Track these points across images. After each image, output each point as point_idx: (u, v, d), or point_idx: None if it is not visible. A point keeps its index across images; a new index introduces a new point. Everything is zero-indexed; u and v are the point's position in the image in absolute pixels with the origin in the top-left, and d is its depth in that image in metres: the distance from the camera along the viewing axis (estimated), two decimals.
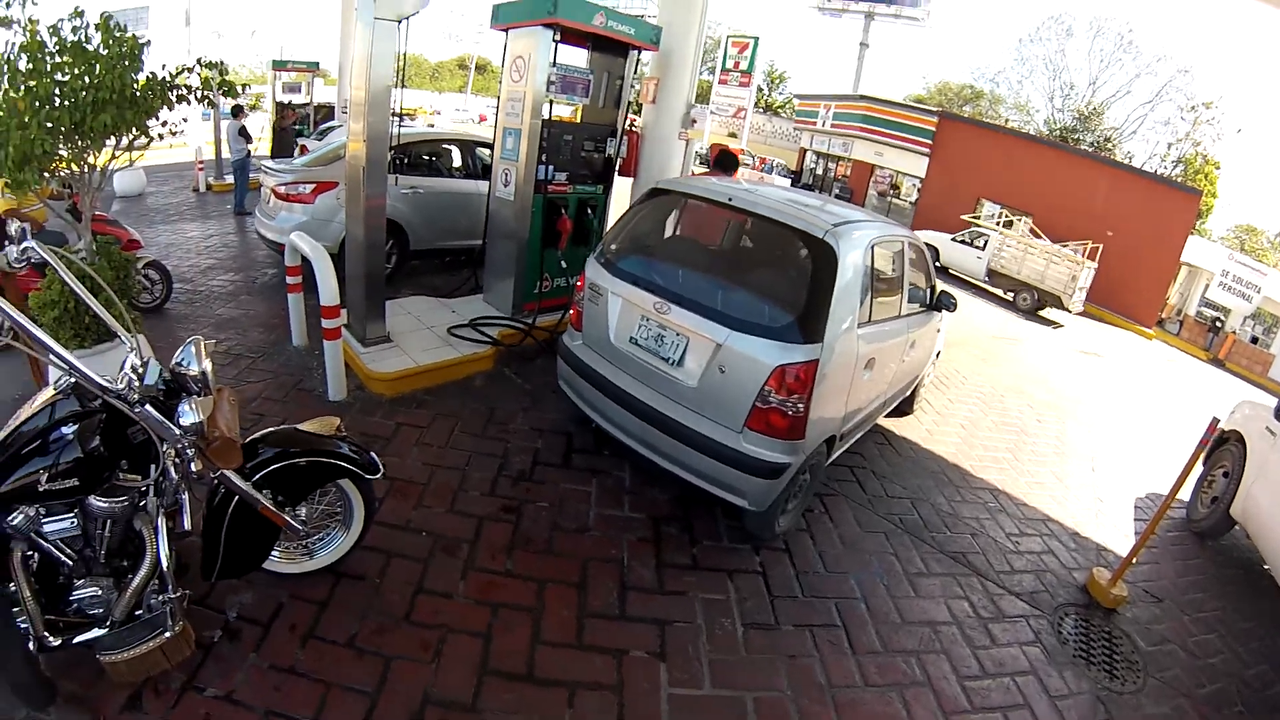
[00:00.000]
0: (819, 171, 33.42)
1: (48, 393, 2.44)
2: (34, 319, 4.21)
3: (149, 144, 4.70)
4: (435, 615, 3.00)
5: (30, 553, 2.40)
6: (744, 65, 38.88)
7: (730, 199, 3.99)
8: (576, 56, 6.39)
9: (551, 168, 6.03)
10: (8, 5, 4.19)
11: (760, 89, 53.42)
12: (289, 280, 5.60)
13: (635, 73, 6.63)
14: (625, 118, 6.64)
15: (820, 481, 4.37)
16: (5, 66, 4.04)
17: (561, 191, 6.18)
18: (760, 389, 3.35)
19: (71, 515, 2.41)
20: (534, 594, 3.18)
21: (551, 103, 5.90)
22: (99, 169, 4.58)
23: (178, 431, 2.29)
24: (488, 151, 8.14)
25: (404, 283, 7.35)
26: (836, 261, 3.44)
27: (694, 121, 7.18)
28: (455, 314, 6.23)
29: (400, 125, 5.67)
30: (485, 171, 7.95)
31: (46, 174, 4.25)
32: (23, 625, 2.32)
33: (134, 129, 4.46)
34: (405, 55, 5.25)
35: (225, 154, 13.67)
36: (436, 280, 7.61)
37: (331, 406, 4.75)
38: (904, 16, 37.94)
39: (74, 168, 4.41)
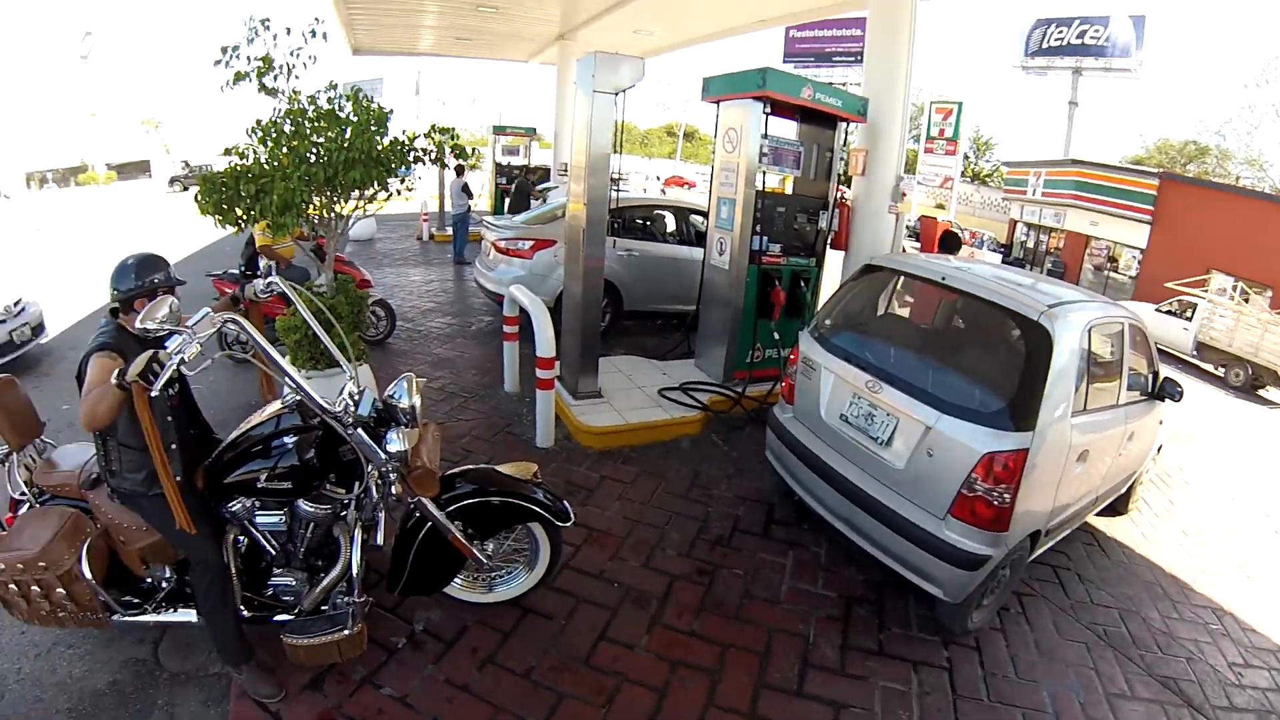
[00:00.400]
0: (1030, 244, 30.92)
1: (276, 405, 2.96)
2: (278, 340, 5.12)
3: (389, 197, 5.48)
4: (614, 663, 3.16)
5: (240, 538, 2.97)
6: (949, 132, 36.83)
7: (943, 277, 3.95)
8: (787, 129, 6.56)
9: (765, 239, 6.21)
10: (274, 78, 5.10)
11: (966, 156, 51.00)
12: (506, 329, 6.16)
13: (844, 144, 6.74)
14: (835, 190, 6.72)
15: (1020, 579, 4.05)
16: (272, 129, 4.95)
17: (775, 263, 6.33)
18: (967, 476, 3.26)
19: (281, 513, 2.93)
20: (715, 657, 3.25)
21: (764, 173, 6.10)
22: (345, 217, 5.42)
23: (383, 456, 2.69)
24: (700, 219, 8.55)
25: (617, 341, 7.78)
26: (1051, 345, 3.32)
27: (904, 194, 7.09)
28: (666, 376, 6.52)
29: (617, 190, 6.08)
30: (698, 238, 8.33)
31: (301, 219, 5.04)
32: None
33: (376, 184, 5.22)
34: (621, 124, 5.63)
35: (448, 208, 15.61)
36: (648, 341, 7.97)
37: (538, 453, 5.11)
38: (1114, 69, 35.14)
39: (324, 214, 5.28)
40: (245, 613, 2.97)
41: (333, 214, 5.33)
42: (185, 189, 46.29)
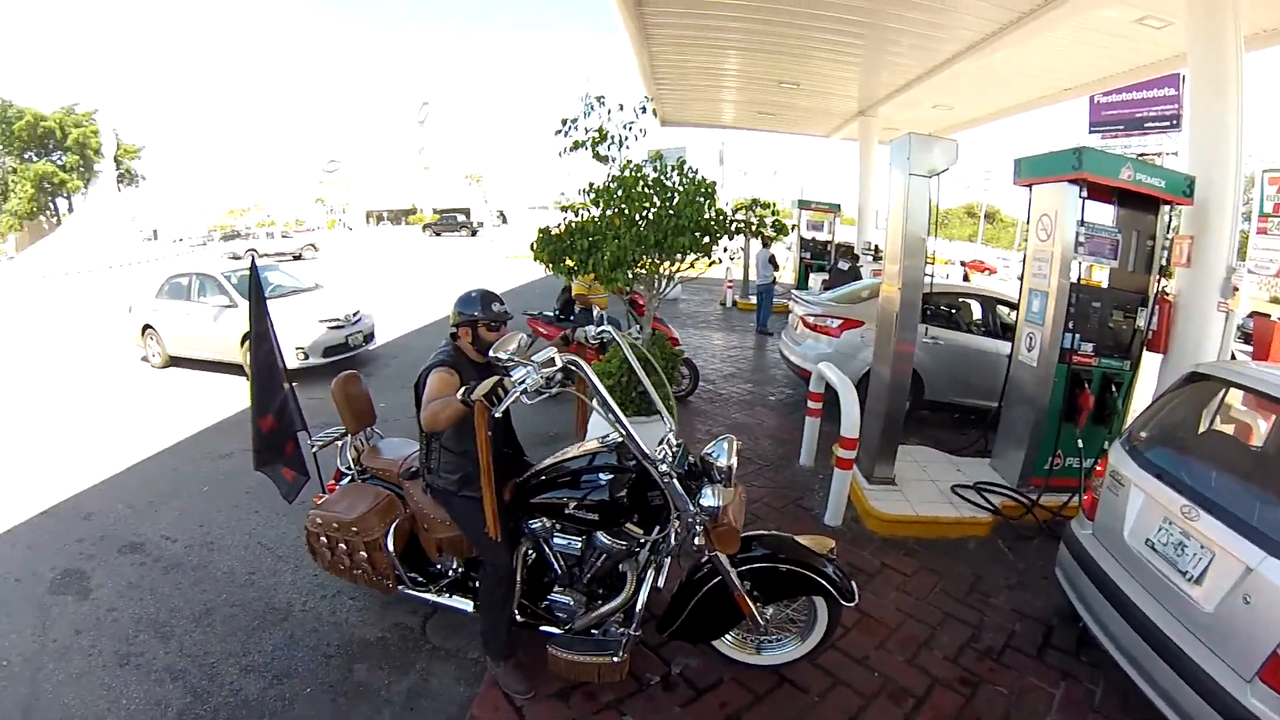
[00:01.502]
0: None
1: (593, 444, 3.53)
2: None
3: (710, 264, 6.16)
4: None
5: (531, 552, 3.55)
6: None
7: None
8: (1103, 213, 6.20)
9: (1077, 336, 5.94)
10: (607, 147, 5.99)
11: None
12: (810, 404, 6.56)
13: (1166, 231, 6.24)
14: (1155, 283, 6.23)
15: None
16: (605, 193, 5.86)
17: (1086, 363, 6.03)
18: None
19: (579, 539, 3.42)
20: None
21: (1080, 264, 5.88)
22: (669, 278, 6.13)
23: (693, 509, 3.04)
24: (1007, 310, 8.36)
25: (913, 431, 7.76)
26: None
27: (1235, 289, 6.32)
28: (960, 473, 6.45)
29: (932, 275, 6.19)
30: (1004, 330, 8.17)
31: (629, 276, 5.85)
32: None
33: (699, 251, 5.88)
34: (936, 207, 5.82)
35: (752, 277, 16.46)
36: (943, 434, 7.88)
37: (826, 530, 5.37)
38: None
39: (651, 274, 6.05)
40: (518, 617, 3.56)
41: (658, 274, 6.12)
42: (437, 234, 55.30)
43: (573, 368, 3.04)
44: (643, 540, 3.37)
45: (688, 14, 10.67)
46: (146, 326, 11.20)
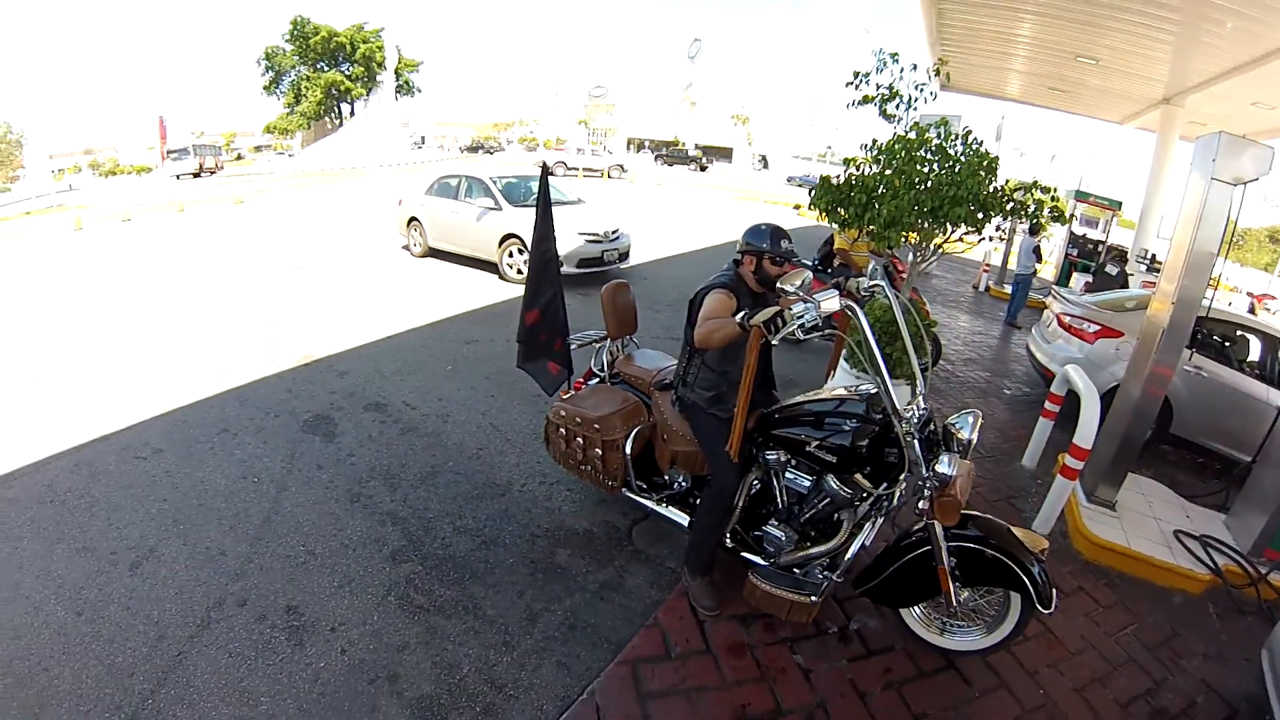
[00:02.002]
0: None
1: (842, 390, 3.72)
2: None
3: (980, 239, 6.15)
4: None
5: (757, 482, 3.79)
6: None
7: None
8: None
9: None
10: (896, 106, 6.08)
11: None
12: (1048, 406, 6.40)
13: None
14: None
15: None
16: (889, 151, 5.90)
17: None
18: None
19: (809, 479, 3.62)
20: None
21: None
22: (937, 247, 6.16)
23: (927, 473, 3.16)
24: None
25: (1148, 462, 7.24)
26: None
27: None
28: (1188, 519, 5.96)
29: (1211, 299, 5.74)
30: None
31: (903, 237, 5.93)
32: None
33: (972, 225, 5.84)
34: (1235, 223, 5.29)
35: (1012, 265, 15.48)
36: (1180, 474, 7.29)
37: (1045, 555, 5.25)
38: None
39: (922, 241, 6.10)
40: (728, 541, 3.85)
41: (929, 242, 6.15)
42: (669, 164, 57.99)
43: (849, 313, 3.19)
44: (868, 493, 3.50)
45: None
46: (412, 219, 12.71)
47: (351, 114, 61.59)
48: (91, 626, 3.42)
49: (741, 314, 3.22)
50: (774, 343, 3.09)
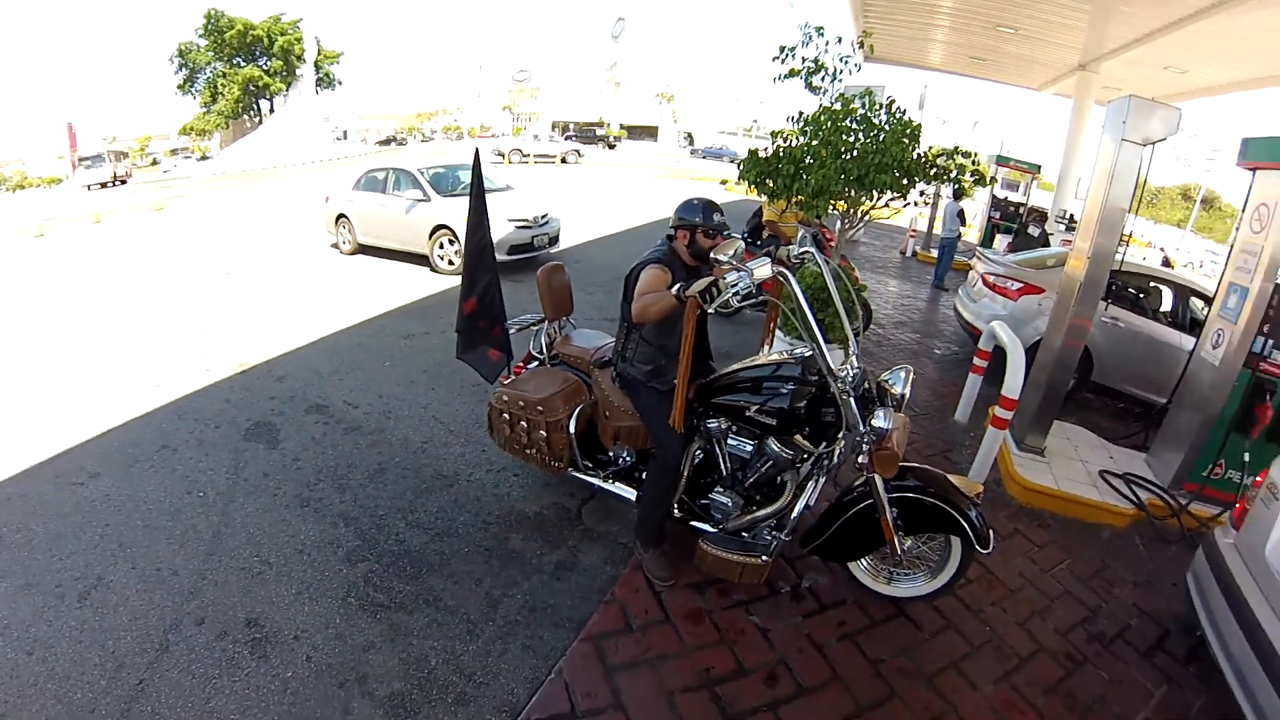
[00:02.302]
0: None
1: (777, 355, 3.88)
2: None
3: (905, 205, 6.42)
4: (952, 692, 3.52)
5: (699, 451, 3.94)
6: None
7: None
8: None
9: (1270, 342, 5.57)
10: (821, 78, 6.17)
11: None
12: (976, 362, 6.74)
13: None
14: None
15: None
16: (815, 123, 6.01)
17: (1274, 374, 5.64)
18: None
19: (750, 444, 3.79)
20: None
21: None
22: (864, 214, 6.40)
23: (864, 428, 3.30)
24: (1202, 304, 7.89)
25: (1072, 410, 7.64)
26: None
27: None
28: (1112, 459, 6.35)
29: (1123, 252, 6.01)
30: (1193, 325, 7.72)
31: (830, 206, 6.16)
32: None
33: (897, 191, 6.08)
34: (1145, 181, 5.61)
35: (937, 230, 16.02)
36: (1104, 420, 7.71)
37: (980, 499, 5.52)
38: None
39: (848, 208, 6.35)
40: (677, 512, 4.00)
41: (856, 209, 6.39)
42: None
43: (781, 279, 3.32)
44: (808, 454, 3.67)
45: None
46: (340, 216, 12.47)
47: (271, 111, 59.12)
48: (45, 665, 3.32)
49: (677, 286, 3.32)
50: (710, 311, 3.19)
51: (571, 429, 4.20)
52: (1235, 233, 6.01)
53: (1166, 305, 8.38)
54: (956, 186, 10.49)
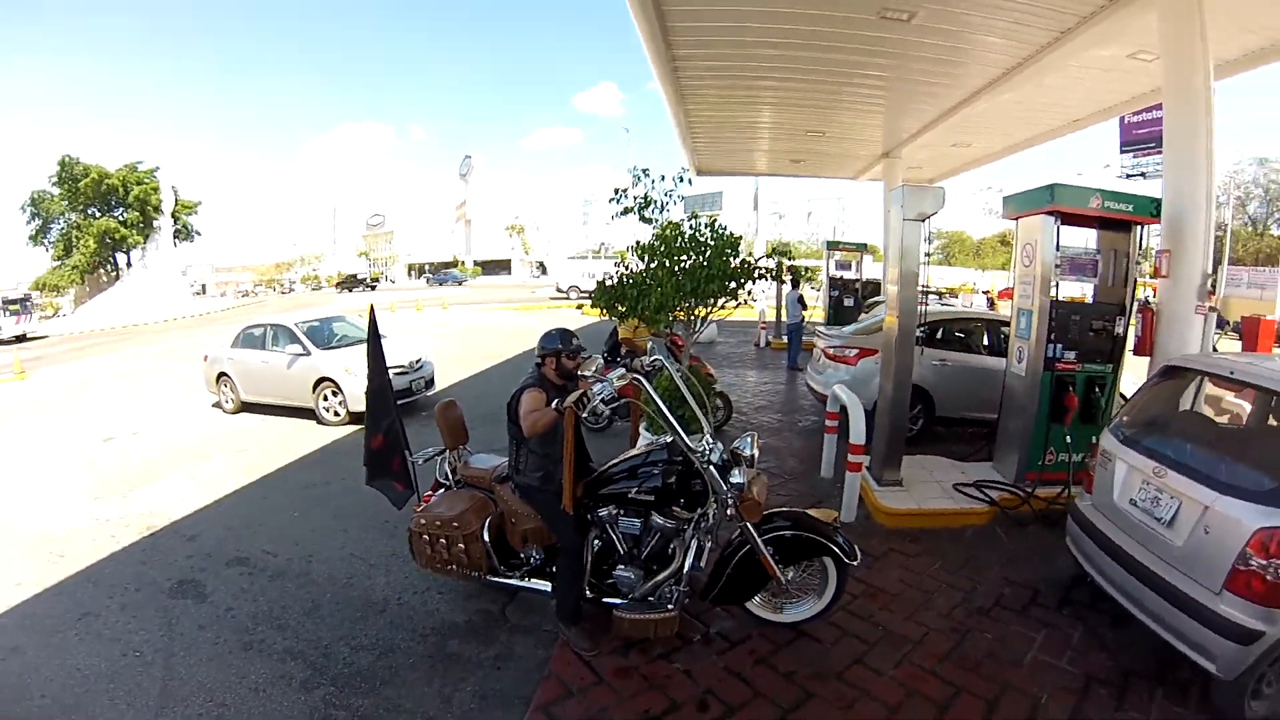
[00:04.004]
0: None
1: (644, 446, 4.65)
2: (626, 415, 7.61)
3: (737, 306, 7.28)
4: (860, 680, 4.10)
5: (598, 540, 4.56)
6: None
7: (1232, 372, 4.49)
8: (1087, 236, 7.02)
9: (1060, 346, 6.74)
10: (653, 210, 7.23)
11: None
12: (828, 423, 7.62)
13: (1140, 248, 7.03)
14: (1133, 295, 7.00)
15: None
16: (650, 249, 7.02)
17: (1070, 369, 6.80)
18: (1241, 550, 3.58)
19: (638, 521, 4.42)
20: (947, 695, 3.98)
21: (1058, 284, 6.67)
22: (702, 319, 7.23)
23: (725, 487, 4.03)
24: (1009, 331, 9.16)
25: (927, 445, 8.56)
26: None
27: (1211, 293, 7.00)
28: (963, 474, 7.25)
29: (930, 304, 7.07)
30: (1006, 350, 8.93)
31: (671, 318, 6.97)
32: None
33: (728, 295, 6.99)
34: (931, 243, 6.82)
35: (784, 317, 17.15)
36: (956, 447, 8.60)
37: (841, 526, 6.17)
38: None
39: (687, 317, 7.12)
40: (588, 593, 4.52)
41: (694, 316, 7.21)
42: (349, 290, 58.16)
43: (635, 383, 4.24)
44: (686, 520, 4.32)
45: (720, 75, 11.63)
46: (221, 374, 12.28)
47: (129, 264, 55.22)
48: None
49: (554, 401, 4.11)
50: (583, 416, 4.08)
51: (486, 538, 4.72)
52: (1014, 270, 7.23)
53: (985, 339, 9.68)
54: (794, 276, 11.64)
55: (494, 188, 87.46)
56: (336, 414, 11.05)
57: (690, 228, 7.13)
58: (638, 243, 7.17)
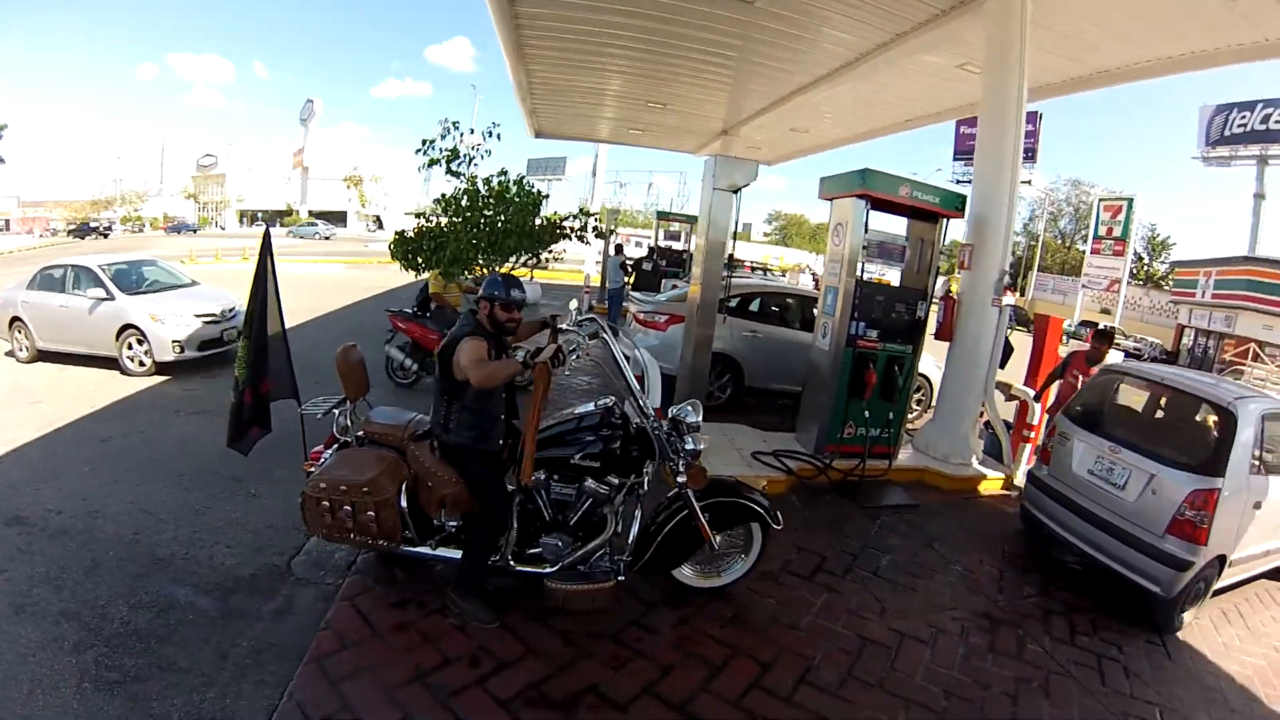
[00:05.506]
0: (1199, 352, 29.62)
1: (580, 409, 4.54)
2: (428, 362, 7.44)
3: (537, 264, 7.42)
4: (636, 641, 4.33)
5: (520, 500, 4.33)
6: (1117, 231, 37.34)
7: (1163, 379, 6.24)
8: (899, 225, 7.58)
9: (863, 324, 7.16)
10: (461, 165, 7.12)
11: (1140, 257, 52.98)
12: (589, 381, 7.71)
13: (944, 240, 7.61)
14: (934, 283, 7.57)
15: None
16: (453, 202, 7.01)
17: (871, 347, 7.25)
18: (1179, 505, 5.15)
19: (571, 487, 4.32)
20: (724, 656, 4.24)
21: (863, 265, 7.10)
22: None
23: (681, 452, 4.13)
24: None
25: (736, 414, 8.91)
26: (1236, 422, 5.26)
27: (1008, 288, 7.64)
28: (765, 443, 7.59)
29: (736, 276, 7.36)
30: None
31: (467, 273, 6.91)
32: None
33: (529, 253, 7.04)
34: (738, 218, 7.09)
35: (608, 283, 17.82)
36: (765, 417, 9.00)
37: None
38: None
39: (484, 272, 7.01)
40: (513, 565, 4.35)
41: (491, 271, 7.19)
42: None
43: (604, 335, 4.41)
44: (623, 485, 4.33)
45: (564, 37, 11.38)
46: (15, 320, 11.15)
47: None
48: None
49: (524, 354, 3.97)
50: (566, 372, 3.96)
51: (403, 504, 4.25)
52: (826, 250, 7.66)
53: (798, 314, 10.22)
54: (617, 244, 11.92)
55: (336, 137, 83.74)
56: (142, 364, 10.32)
57: (499, 184, 7.17)
58: (443, 195, 7.18)
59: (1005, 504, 7.61)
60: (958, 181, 38.88)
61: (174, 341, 10.10)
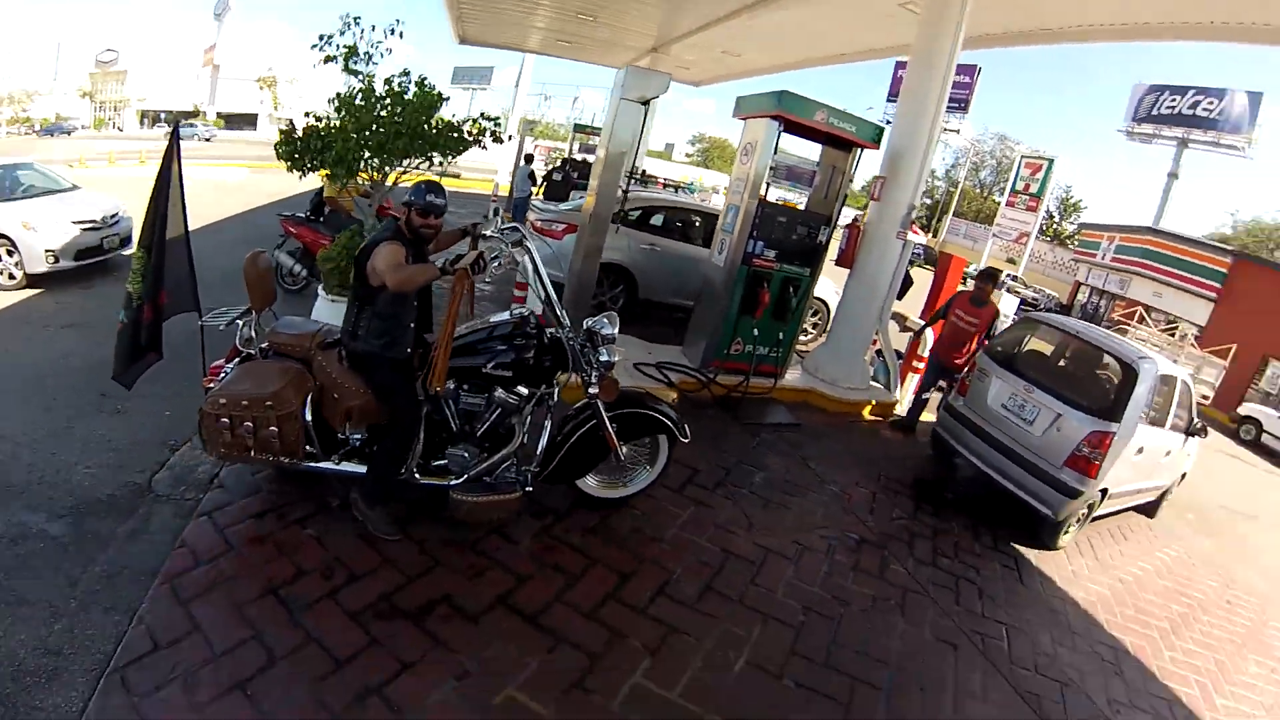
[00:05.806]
0: (1090, 309, 31.96)
1: (492, 320, 4.37)
2: (317, 268, 6.95)
3: (429, 168, 6.96)
4: (495, 551, 4.33)
5: (427, 411, 4.18)
6: (1034, 188, 39.72)
7: (1078, 332, 6.90)
8: (813, 150, 7.53)
9: (761, 244, 7.14)
10: (358, 63, 6.69)
11: (1051, 215, 56.10)
12: (516, 292, 7.73)
13: (854, 169, 7.58)
14: (840, 209, 7.56)
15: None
16: (347, 101, 6.56)
17: (767, 267, 7.25)
18: (1078, 443, 5.90)
19: (481, 397, 4.21)
20: (582, 566, 4.31)
21: (769, 186, 7.05)
22: (391, 179, 6.94)
23: (596, 364, 4.11)
24: None
25: (626, 326, 8.67)
26: (1137, 377, 5.96)
27: (914, 223, 7.73)
28: (650, 355, 7.60)
29: (633, 189, 7.37)
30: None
31: (358, 176, 6.66)
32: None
33: (421, 156, 6.73)
34: (646, 130, 6.93)
35: (514, 193, 17.51)
36: (659, 330, 8.99)
37: None
38: (1223, 145, 35.81)
39: (374, 175, 6.79)
40: (418, 476, 4.22)
41: (382, 175, 6.84)
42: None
43: (527, 244, 4.29)
44: (532, 393, 4.27)
45: None
46: None
47: None
48: None
49: (443, 260, 3.82)
50: (487, 279, 3.73)
51: (308, 417, 4.03)
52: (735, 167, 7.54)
53: (696, 230, 10.25)
54: (528, 153, 11.63)
55: (251, 34, 76.97)
56: (12, 276, 9.20)
57: (399, 85, 6.76)
58: (337, 95, 6.74)
59: (886, 429, 7.87)
60: (888, 123, 39.94)
61: (48, 251, 9.16)
